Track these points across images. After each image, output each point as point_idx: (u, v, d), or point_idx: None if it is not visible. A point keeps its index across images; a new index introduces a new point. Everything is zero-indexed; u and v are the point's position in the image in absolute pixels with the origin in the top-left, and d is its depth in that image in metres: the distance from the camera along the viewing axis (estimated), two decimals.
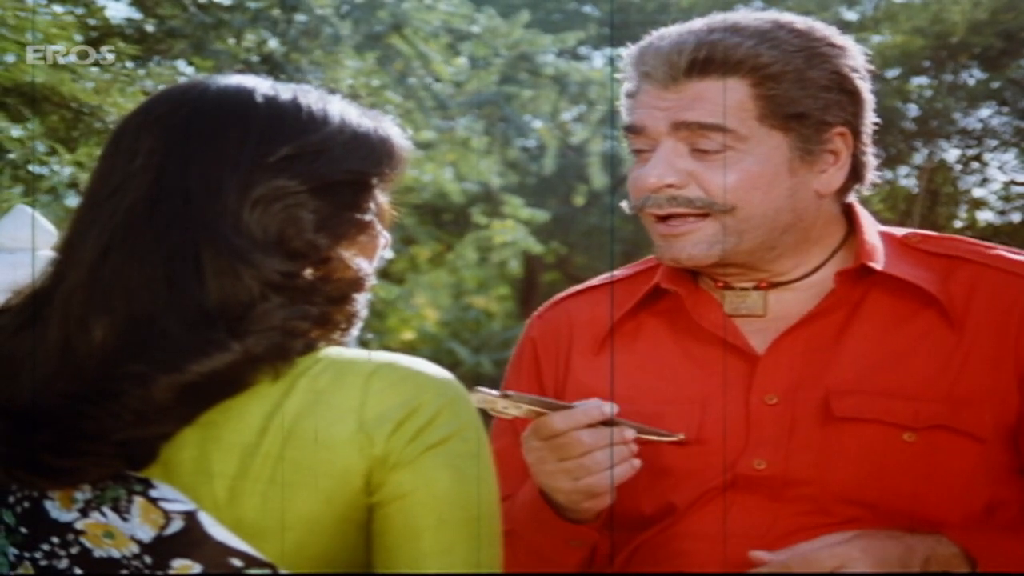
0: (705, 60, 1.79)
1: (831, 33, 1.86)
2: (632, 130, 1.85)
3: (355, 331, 1.51)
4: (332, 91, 1.57)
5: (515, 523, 1.85)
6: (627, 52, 1.89)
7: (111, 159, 1.50)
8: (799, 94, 1.81)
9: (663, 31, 1.87)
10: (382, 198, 1.55)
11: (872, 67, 1.89)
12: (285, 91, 1.52)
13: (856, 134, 1.86)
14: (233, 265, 1.42)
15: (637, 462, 1.74)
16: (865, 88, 1.86)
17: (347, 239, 1.50)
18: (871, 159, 1.89)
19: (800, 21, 1.85)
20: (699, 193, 1.81)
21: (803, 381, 1.82)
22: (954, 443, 1.78)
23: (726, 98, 1.80)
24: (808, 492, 1.78)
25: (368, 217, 1.52)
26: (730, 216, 1.81)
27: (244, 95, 1.51)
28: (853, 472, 1.78)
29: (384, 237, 1.58)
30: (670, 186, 1.81)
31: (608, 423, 1.73)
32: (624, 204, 1.89)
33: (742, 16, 1.85)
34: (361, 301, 1.51)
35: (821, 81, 1.82)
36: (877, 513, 1.77)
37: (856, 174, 1.88)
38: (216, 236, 1.43)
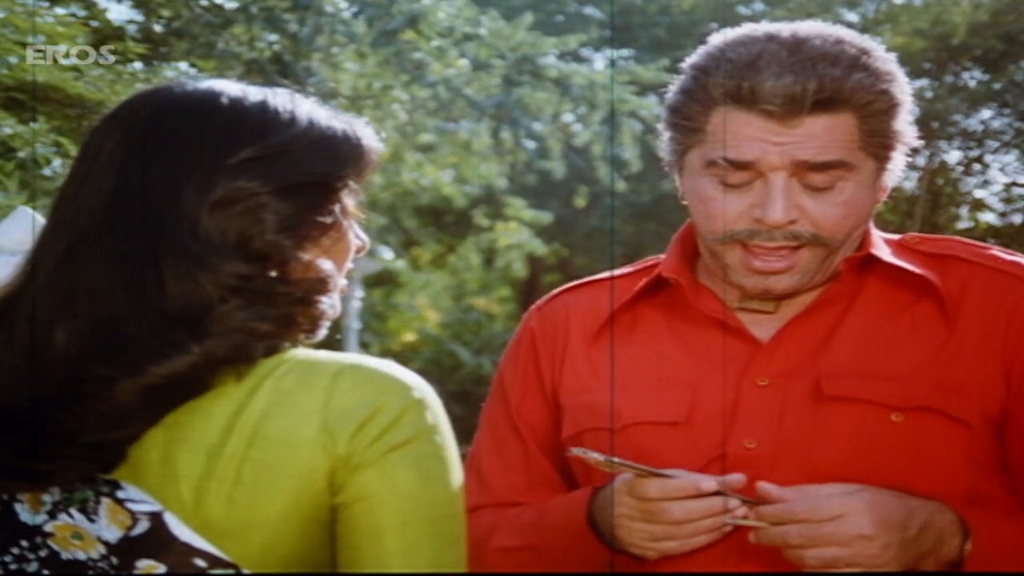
0: (828, 100, 1.80)
1: (873, 44, 1.89)
2: (739, 165, 1.82)
3: (322, 333, 1.51)
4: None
5: (542, 541, 1.89)
6: (696, 68, 1.87)
7: (79, 162, 1.50)
8: (895, 122, 1.85)
9: (744, 56, 1.83)
10: (349, 200, 1.54)
11: None
12: (253, 93, 1.51)
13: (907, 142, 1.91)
14: (190, 269, 1.42)
15: (728, 527, 1.77)
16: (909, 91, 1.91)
17: (309, 241, 1.49)
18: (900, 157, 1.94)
19: (857, 39, 1.86)
20: (808, 228, 1.82)
21: (797, 365, 1.86)
22: (940, 425, 1.81)
23: (836, 132, 1.81)
24: (797, 471, 1.80)
25: (331, 219, 1.51)
26: (825, 248, 1.84)
27: (208, 97, 1.50)
28: (841, 451, 1.80)
29: (359, 240, 1.58)
30: (792, 222, 1.82)
31: (711, 494, 1.76)
32: (710, 236, 1.86)
33: (809, 36, 1.84)
34: (327, 303, 1.50)
35: (905, 102, 1.86)
36: None
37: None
38: (173, 240, 1.43)
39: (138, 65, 5.62)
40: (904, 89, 1.87)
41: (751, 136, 1.81)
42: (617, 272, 2.02)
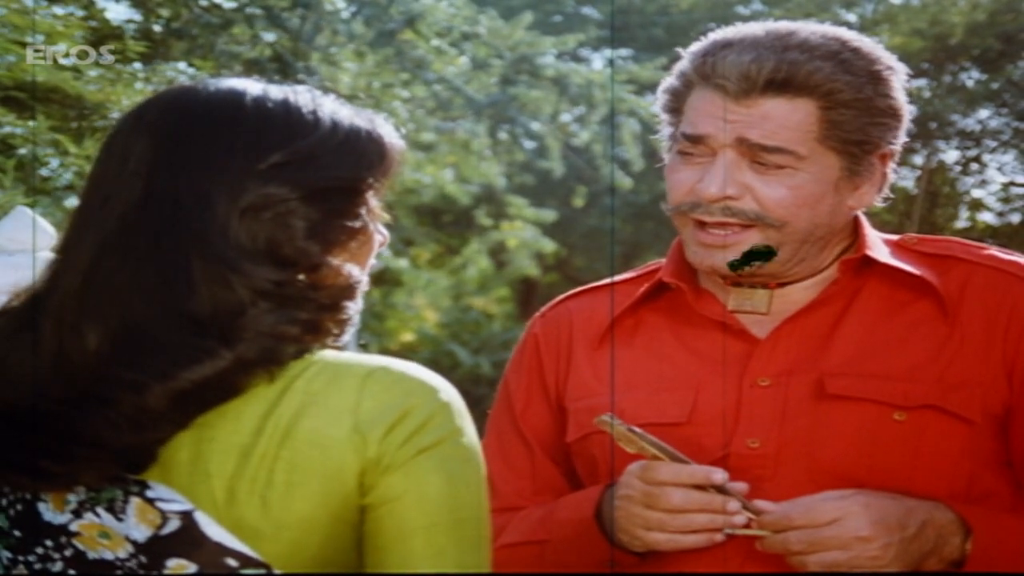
0: (783, 81, 1.82)
1: (885, 54, 1.90)
2: (692, 139, 1.87)
3: (348, 336, 1.51)
4: (329, 92, 1.57)
5: (549, 535, 1.90)
6: (689, 51, 1.91)
7: (104, 164, 1.50)
8: (864, 121, 1.85)
9: (726, 37, 1.88)
10: (375, 202, 1.54)
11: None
12: (277, 94, 1.51)
13: (893, 153, 1.91)
14: (223, 273, 1.42)
15: (719, 537, 1.77)
16: (908, 110, 1.91)
17: (338, 246, 1.50)
18: (891, 174, 1.93)
19: (859, 41, 1.88)
20: (753, 206, 1.84)
21: (798, 365, 1.87)
22: (943, 423, 1.82)
23: (791, 118, 1.82)
24: (800, 469, 1.82)
25: (359, 223, 1.52)
26: (775, 230, 1.85)
27: (234, 99, 1.50)
28: (844, 450, 1.82)
29: (381, 235, 1.58)
30: (728, 198, 1.84)
31: (716, 489, 1.77)
32: (664, 206, 1.92)
33: (803, 29, 1.87)
34: (353, 308, 1.51)
35: (882, 107, 1.86)
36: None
37: (880, 188, 1.93)
38: (205, 245, 1.43)
39: (137, 65, 5.63)
40: (890, 95, 1.87)
41: (708, 112, 1.85)
42: (619, 277, 2.04)
